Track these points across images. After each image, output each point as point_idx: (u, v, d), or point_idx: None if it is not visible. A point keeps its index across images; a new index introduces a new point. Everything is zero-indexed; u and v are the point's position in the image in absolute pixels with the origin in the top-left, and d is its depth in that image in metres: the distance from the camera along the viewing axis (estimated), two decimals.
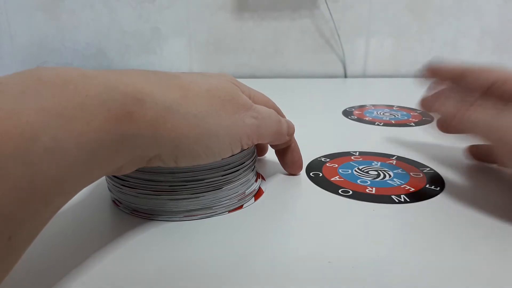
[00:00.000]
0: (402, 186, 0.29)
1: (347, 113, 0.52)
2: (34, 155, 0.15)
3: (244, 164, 0.27)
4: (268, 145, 0.34)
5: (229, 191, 0.26)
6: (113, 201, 0.27)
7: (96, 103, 0.17)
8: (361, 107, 0.55)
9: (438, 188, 0.29)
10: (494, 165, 0.33)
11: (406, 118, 0.49)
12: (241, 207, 0.27)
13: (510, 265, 0.20)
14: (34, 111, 0.15)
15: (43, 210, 0.16)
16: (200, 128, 0.22)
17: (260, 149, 0.34)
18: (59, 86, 0.17)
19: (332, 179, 0.31)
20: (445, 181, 0.30)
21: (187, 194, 0.25)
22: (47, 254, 0.22)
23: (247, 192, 0.27)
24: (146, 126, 0.19)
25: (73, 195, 0.18)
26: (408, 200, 0.27)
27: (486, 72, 0.28)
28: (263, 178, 0.31)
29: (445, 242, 0.22)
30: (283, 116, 0.31)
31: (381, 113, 0.51)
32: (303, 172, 0.32)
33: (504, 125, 0.25)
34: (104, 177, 0.28)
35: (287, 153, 0.31)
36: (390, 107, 0.55)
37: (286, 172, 0.32)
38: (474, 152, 0.34)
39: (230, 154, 0.24)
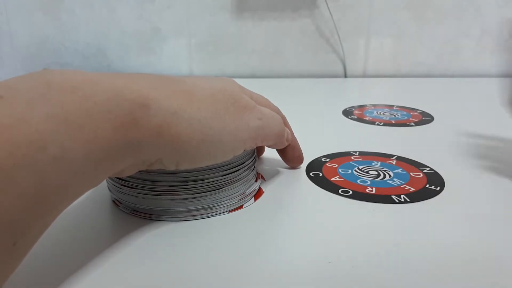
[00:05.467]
0: (402, 186, 0.29)
1: (347, 113, 0.52)
2: (42, 164, 0.15)
3: (244, 164, 0.27)
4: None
5: (229, 191, 0.26)
6: (113, 201, 0.27)
7: (104, 111, 0.17)
8: (361, 107, 0.55)
9: (438, 188, 0.29)
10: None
11: (406, 118, 0.49)
12: (241, 207, 0.27)
13: (510, 264, 0.20)
14: (43, 119, 0.15)
15: (48, 215, 0.16)
16: (203, 134, 0.22)
17: (258, 149, 0.35)
18: (68, 92, 0.17)
19: (332, 179, 0.31)
20: (445, 181, 0.30)
21: (187, 194, 0.25)
22: (47, 254, 0.22)
23: (247, 192, 0.27)
24: (150, 133, 0.20)
25: (76, 199, 0.18)
26: (408, 200, 0.27)
27: None
28: (263, 178, 0.31)
29: (445, 242, 0.22)
30: (283, 116, 0.31)
31: (381, 113, 0.51)
32: (303, 172, 0.32)
33: None
34: None
35: (288, 150, 0.32)
36: (390, 107, 0.55)
37: (287, 166, 0.33)
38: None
39: (232, 157, 0.24)
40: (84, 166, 0.17)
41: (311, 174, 0.32)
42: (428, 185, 0.30)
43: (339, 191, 0.29)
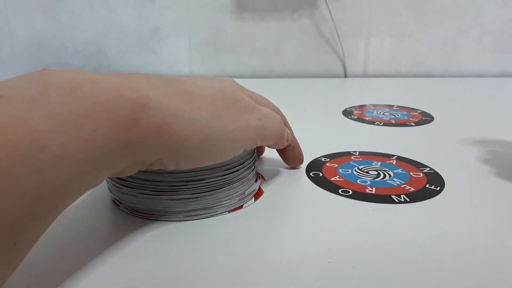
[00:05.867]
0: (402, 186, 0.29)
1: (347, 113, 0.52)
2: (42, 163, 0.15)
3: (244, 164, 0.27)
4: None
5: (229, 191, 0.26)
6: (113, 201, 0.27)
7: (103, 110, 0.17)
8: (361, 107, 0.55)
9: (438, 188, 0.29)
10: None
11: (406, 118, 0.49)
12: (241, 207, 0.27)
13: (510, 264, 0.20)
14: (43, 118, 0.15)
15: (48, 215, 0.16)
16: (203, 134, 0.22)
17: (258, 149, 0.35)
18: (68, 92, 0.17)
19: (332, 179, 0.31)
20: (445, 181, 0.30)
21: (187, 194, 0.25)
22: (47, 254, 0.22)
23: (247, 192, 0.27)
24: (150, 133, 0.20)
25: (76, 199, 0.18)
26: (408, 200, 0.27)
27: None
28: (263, 178, 0.31)
29: (445, 242, 0.22)
30: (283, 116, 0.31)
31: (381, 113, 0.51)
32: (303, 172, 0.32)
33: None
34: None
35: (288, 150, 0.32)
36: (390, 107, 0.55)
37: (287, 166, 0.33)
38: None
39: (231, 157, 0.24)
40: (84, 165, 0.17)
41: (311, 174, 0.32)
42: (428, 185, 0.30)
43: (339, 191, 0.29)
